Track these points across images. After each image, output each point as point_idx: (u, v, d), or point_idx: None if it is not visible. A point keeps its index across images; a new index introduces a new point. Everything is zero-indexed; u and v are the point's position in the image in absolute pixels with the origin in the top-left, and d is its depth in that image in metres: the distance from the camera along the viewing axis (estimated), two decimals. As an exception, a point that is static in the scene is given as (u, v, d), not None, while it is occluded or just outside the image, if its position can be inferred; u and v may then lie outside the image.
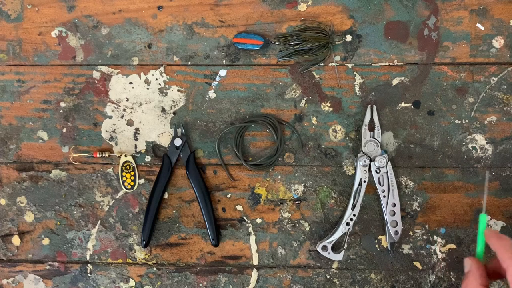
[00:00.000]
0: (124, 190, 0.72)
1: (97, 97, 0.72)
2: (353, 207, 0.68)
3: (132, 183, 0.72)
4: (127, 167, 0.71)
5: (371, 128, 0.69)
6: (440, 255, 0.71)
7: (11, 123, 0.73)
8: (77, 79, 0.72)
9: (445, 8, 0.70)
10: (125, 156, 0.71)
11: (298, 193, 0.71)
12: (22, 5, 0.73)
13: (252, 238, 0.72)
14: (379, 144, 0.68)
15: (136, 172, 0.72)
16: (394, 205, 0.68)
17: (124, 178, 0.72)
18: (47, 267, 0.73)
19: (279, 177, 0.71)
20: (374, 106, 0.69)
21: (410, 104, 0.70)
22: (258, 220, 0.72)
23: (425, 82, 0.70)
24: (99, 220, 0.73)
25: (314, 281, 0.72)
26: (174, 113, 0.72)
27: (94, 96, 0.72)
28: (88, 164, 0.73)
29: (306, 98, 0.71)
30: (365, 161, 0.68)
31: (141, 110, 0.72)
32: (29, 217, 0.73)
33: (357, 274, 0.71)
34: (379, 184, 0.68)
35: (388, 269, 0.71)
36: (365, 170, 0.68)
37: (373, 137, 0.69)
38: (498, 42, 0.69)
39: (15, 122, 0.73)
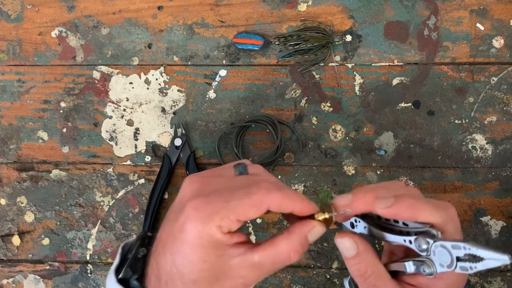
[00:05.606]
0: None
1: (97, 97, 0.72)
2: None
3: None
4: None
5: None
6: (440, 255, 0.70)
7: (11, 123, 0.73)
8: (77, 79, 0.72)
9: (445, 8, 0.70)
10: None
11: (298, 193, 0.71)
12: (22, 5, 0.73)
13: (252, 238, 0.72)
14: None
15: None
16: None
17: None
18: (47, 267, 0.73)
19: (279, 177, 0.71)
20: None
21: (410, 104, 0.70)
22: (258, 220, 0.72)
23: (425, 82, 0.70)
24: (99, 220, 0.73)
25: (314, 281, 0.71)
26: (174, 113, 0.72)
27: (94, 96, 0.72)
28: (88, 164, 0.73)
29: (306, 98, 0.71)
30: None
31: (141, 110, 0.72)
32: (29, 217, 0.73)
33: (357, 274, 0.71)
34: None
35: (388, 269, 0.71)
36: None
37: None
38: (498, 42, 0.69)
39: (15, 122, 0.73)
